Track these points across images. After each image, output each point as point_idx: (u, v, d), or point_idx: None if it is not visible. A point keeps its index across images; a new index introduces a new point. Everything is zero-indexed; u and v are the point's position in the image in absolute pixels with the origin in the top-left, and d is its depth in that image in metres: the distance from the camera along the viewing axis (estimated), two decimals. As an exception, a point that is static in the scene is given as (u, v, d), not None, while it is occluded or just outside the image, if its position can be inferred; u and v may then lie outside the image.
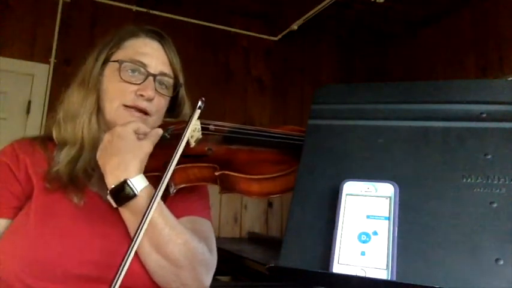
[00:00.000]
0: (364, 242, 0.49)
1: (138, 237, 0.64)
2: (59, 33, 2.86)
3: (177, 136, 0.85)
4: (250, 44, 3.43)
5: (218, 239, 0.89)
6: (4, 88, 2.69)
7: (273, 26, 3.45)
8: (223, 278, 2.26)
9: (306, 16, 3.06)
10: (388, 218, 0.50)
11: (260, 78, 3.45)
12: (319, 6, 2.89)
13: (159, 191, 0.68)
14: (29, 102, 2.75)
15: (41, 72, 2.79)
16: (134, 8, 3.04)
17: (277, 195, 0.73)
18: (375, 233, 0.49)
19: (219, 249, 0.87)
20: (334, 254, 0.49)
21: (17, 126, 2.67)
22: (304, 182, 0.59)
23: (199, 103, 0.78)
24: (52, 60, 2.82)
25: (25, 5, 2.81)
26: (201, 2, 3.16)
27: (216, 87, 3.21)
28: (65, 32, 2.88)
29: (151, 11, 3.04)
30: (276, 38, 3.49)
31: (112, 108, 0.85)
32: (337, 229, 0.51)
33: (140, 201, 0.73)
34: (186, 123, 0.78)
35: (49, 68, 2.80)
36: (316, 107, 0.66)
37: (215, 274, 0.82)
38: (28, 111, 2.74)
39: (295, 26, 3.25)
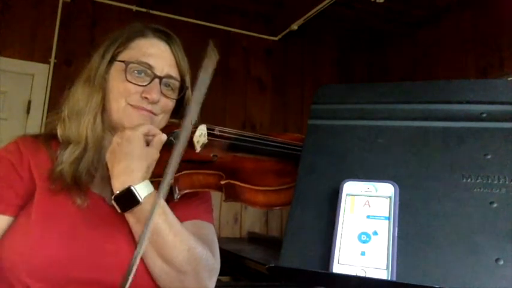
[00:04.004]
0: (364, 242, 0.49)
1: (142, 246, 0.63)
2: (59, 33, 2.86)
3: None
4: (250, 44, 3.44)
5: (218, 239, 0.89)
6: (4, 88, 2.69)
7: (273, 26, 3.46)
8: (223, 278, 2.26)
9: (306, 16, 3.07)
10: (388, 218, 0.50)
11: (260, 78, 3.45)
12: (319, 6, 2.89)
13: (158, 198, 0.66)
14: (29, 102, 2.75)
15: (41, 72, 2.79)
16: (134, 8, 3.04)
17: (282, 206, 0.71)
18: (375, 233, 0.49)
19: (219, 249, 0.86)
20: (334, 254, 0.49)
21: (17, 126, 2.67)
22: (304, 182, 0.59)
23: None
24: (52, 60, 2.82)
25: (25, 5, 2.81)
26: (201, 2, 3.17)
27: (216, 87, 3.20)
28: (65, 32, 2.88)
29: (151, 11, 3.05)
30: (276, 38, 3.49)
31: (120, 107, 0.84)
32: (337, 229, 0.51)
33: (145, 208, 0.72)
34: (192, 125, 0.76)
35: (49, 68, 2.81)
36: (316, 107, 0.66)
37: (215, 274, 0.82)
38: (28, 111, 2.74)
39: (295, 26, 3.25)
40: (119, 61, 0.85)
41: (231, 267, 2.28)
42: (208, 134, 0.82)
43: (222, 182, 0.73)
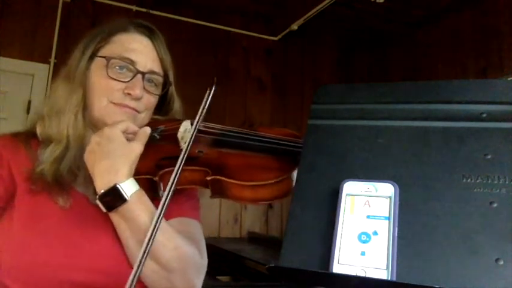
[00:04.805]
0: (364, 242, 0.49)
1: (148, 248, 0.62)
2: (59, 33, 2.86)
3: (167, 137, 0.83)
4: (250, 44, 3.43)
5: (218, 239, 0.89)
6: (4, 88, 2.69)
7: (273, 26, 3.45)
8: (223, 278, 2.25)
9: (306, 16, 3.07)
10: (388, 218, 0.50)
11: (260, 78, 3.45)
12: (319, 6, 2.89)
13: (164, 203, 0.65)
14: (29, 102, 2.75)
15: (41, 72, 2.79)
16: (134, 8, 3.04)
17: (269, 201, 0.71)
18: (375, 233, 0.49)
19: (219, 249, 0.86)
20: (334, 254, 0.49)
21: (17, 126, 2.66)
22: (304, 182, 0.59)
23: (213, 88, 0.74)
24: (52, 60, 2.82)
25: (25, 5, 2.81)
26: (201, 2, 3.16)
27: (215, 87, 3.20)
28: (65, 32, 2.88)
29: (151, 11, 3.04)
30: (276, 38, 3.49)
31: (101, 105, 0.82)
32: (337, 229, 0.51)
33: (131, 206, 0.71)
34: (176, 120, 0.75)
35: (49, 68, 2.80)
36: (316, 107, 0.66)
37: (215, 274, 0.82)
38: (28, 111, 2.74)
39: (295, 26, 3.25)
40: (100, 57, 0.83)
41: (231, 267, 2.28)
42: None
43: (208, 178, 0.73)
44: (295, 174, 0.71)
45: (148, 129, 0.79)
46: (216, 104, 0.77)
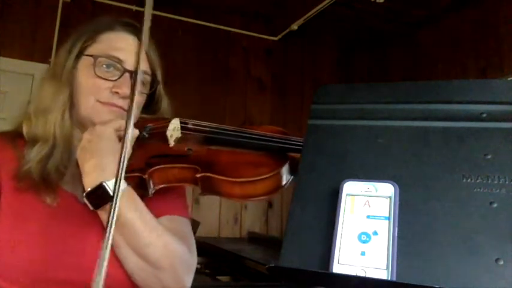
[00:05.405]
0: (364, 242, 0.49)
1: (108, 240, 0.61)
2: (59, 33, 2.86)
3: (156, 135, 0.83)
4: (250, 44, 3.43)
5: (218, 239, 0.89)
6: (4, 88, 2.68)
7: (273, 26, 3.45)
8: (223, 278, 2.25)
9: (306, 16, 3.06)
10: (388, 218, 0.50)
11: (260, 78, 3.45)
12: (319, 6, 2.89)
13: (116, 196, 0.63)
14: (29, 102, 2.74)
15: (41, 72, 2.78)
16: (134, 8, 3.03)
17: (259, 198, 0.72)
18: (375, 233, 0.49)
19: (219, 249, 0.86)
20: (334, 254, 0.49)
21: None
22: (304, 182, 0.59)
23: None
24: (52, 60, 2.81)
25: (25, 5, 2.81)
26: (201, 2, 3.16)
27: (215, 87, 3.20)
28: (65, 32, 2.87)
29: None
30: (276, 38, 3.49)
31: (88, 104, 0.81)
32: (337, 229, 0.51)
33: (118, 204, 0.71)
34: (165, 119, 0.76)
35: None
36: (316, 107, 0.66)
37: (215, 274, 0.82)
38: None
39: (295, 26, 3.25)
40: (87, 55, 0.83)
41: (231, 267, 2.27)
42: (182, 128, 0.82)
43: (198, 176, 0.73)
44: (284, 170, 0.71)
45: (136, 132, 0.79)
46: (216, 104, 0.77)
